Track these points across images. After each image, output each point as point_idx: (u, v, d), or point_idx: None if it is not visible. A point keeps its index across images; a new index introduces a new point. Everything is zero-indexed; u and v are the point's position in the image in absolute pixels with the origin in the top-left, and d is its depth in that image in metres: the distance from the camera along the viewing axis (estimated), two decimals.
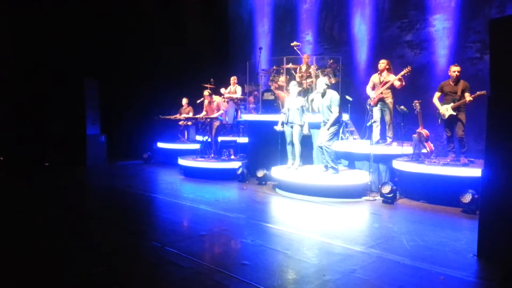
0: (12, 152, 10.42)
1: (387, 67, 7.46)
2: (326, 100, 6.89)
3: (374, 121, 7.56)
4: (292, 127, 7.52)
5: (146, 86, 12.01)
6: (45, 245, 4.56)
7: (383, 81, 7.43)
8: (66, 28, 10.82)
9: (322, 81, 6.99)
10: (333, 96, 6.86)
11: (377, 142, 7.51)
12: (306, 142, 7.78)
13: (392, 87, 7.37)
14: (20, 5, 10.57)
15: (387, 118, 7.54)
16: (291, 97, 7.61)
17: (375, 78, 7.61)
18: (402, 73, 7.21)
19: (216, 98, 10.05)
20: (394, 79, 7.27)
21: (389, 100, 7.44)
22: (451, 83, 6.48)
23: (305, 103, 7.46)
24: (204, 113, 10.01)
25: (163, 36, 11.97)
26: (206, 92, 9.98)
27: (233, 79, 10.48)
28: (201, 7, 12.55)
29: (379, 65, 7.53)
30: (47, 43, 10.71)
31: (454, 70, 6.41)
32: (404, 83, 7.31)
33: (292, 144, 7.61)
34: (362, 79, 9.85)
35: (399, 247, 4.41)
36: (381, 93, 7.42)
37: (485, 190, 4.10)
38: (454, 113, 6.39)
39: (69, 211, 6.17)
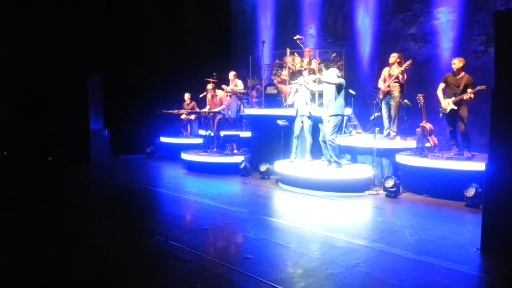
0: (16, 147, 10.46)
1: (398, 60, 7.43)
2: (329, 87, 6.83)
3: (378, 115, 7.53)
4: (302, 121, 7.50)
5: (149, 81, 11.99)
6: (47, 241, 4.58)
7: (391, 74, 7.42)
8: (69, 23, 10.79)
9: (334, 72, 6.91)
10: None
11: (388, 135, 7.50)
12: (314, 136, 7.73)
13: (400, 82, 7.35)
14: (22, 1, 10.54)
15: (393, 111, 7.51)
16: (299, 91, 7.55)
17: (385, 71, 7.62)
18: (404, 66, 7.20)
19: (219, 92, 10.02)
20: (398, 73, 7.26)
21: (396, 94, 7.40)
22: (453, 75, 6.49)
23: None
24: (207, 107, 10.00)
25: (166, 31, 11.93)
26: (209, 86, 9.96)
27: (232, 74, 10.12)
28: (204, 1, 12.49)
29: (390, 58, 7.52)
30: (50, 38, 10.70)
31: (453, 62, 6.46)
32: (405, 77, 7.29)
33: (299, 138, 7.59)
34: (366, 73, 9.81)
35: (402, 241, 4.41)
36: (389, 86, 7.41)
37: (489, 184, 4.09)
38: (456, 108, 6.37)
39: (72, 206, 6.20)
